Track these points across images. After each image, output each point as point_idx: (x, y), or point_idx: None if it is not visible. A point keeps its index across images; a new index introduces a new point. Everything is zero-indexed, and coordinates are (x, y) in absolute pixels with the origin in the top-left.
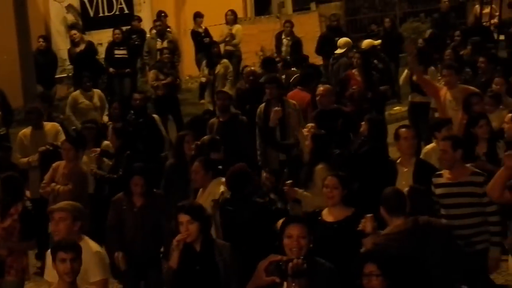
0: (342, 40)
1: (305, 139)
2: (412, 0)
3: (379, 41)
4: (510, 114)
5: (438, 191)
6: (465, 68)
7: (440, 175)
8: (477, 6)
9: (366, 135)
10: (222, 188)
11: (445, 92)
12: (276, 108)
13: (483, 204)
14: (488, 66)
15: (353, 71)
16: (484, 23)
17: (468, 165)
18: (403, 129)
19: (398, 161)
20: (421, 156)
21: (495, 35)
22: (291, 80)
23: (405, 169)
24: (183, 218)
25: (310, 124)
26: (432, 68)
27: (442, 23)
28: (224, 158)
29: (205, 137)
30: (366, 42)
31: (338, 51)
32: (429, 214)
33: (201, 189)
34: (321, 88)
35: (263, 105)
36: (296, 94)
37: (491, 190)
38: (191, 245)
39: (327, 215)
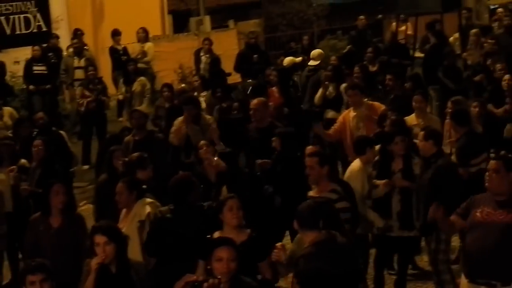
0: (316, 51)
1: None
2: (329, 17)
3: (300, 58)
4: (422, 132)
5: None
6: (377, 85)
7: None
8: (394, 24)
9: (279, 149)
10: (148, 209)
11: (349, 114)
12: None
13: None
14: (395, 83)
15: (273, 88)
16: (400, 41)
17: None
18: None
19: None
20: (346, 175)
21: (411, 52)
22: (248, 92)
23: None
24: (100, 239)
25: (204, 142)
26: (344, 85)
27: (359, 40)
28: (151, 176)
29: (133, 154)
30: (287, 60)
31: (312, 62)
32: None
33: (124, 210)
34: (255, 101)
35: (178, 122)
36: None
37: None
38: (107, 266)
39: None
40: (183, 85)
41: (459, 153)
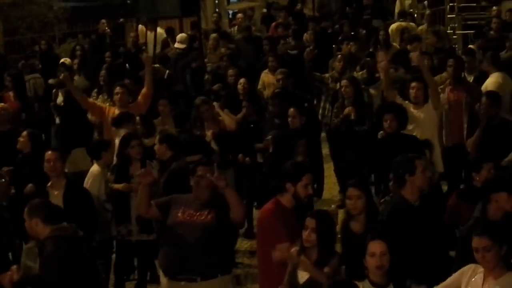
0: (183, 35)
1: None
2: (71, 20)
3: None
4: (158, 135)
5: None
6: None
7: None
8: (134, 27)
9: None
10: None
11: (112, 111)
12: None
13: None
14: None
15: (9, 93)
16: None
17: None
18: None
19: (49, 184)
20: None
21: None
22: None
23: (56, 192)
24: None
25: None
26: None
27: (99, 44)
28: None
29: None
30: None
31: (179, 45)
32: None
33: None
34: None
35: None
36: None
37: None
38: None
39: None
40: None
41: None
